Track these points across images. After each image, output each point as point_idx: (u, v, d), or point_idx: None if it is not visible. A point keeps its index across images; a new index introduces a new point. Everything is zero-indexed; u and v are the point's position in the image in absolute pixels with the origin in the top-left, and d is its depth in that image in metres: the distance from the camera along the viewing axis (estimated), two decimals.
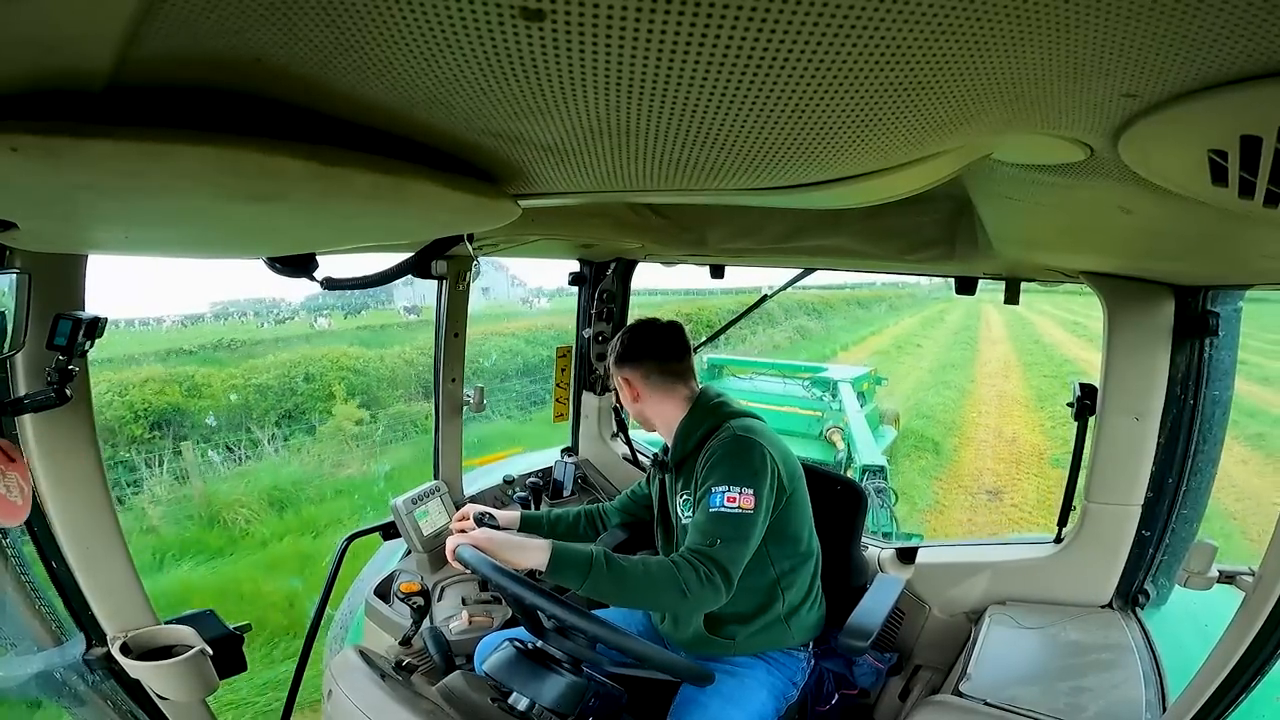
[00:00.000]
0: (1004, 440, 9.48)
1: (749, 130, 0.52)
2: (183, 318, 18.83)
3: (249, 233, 0.84)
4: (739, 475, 1.35)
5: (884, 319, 20.66)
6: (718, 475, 1.36)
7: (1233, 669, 0.92)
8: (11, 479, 0.93)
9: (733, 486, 1.34)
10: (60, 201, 0.60)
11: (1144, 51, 0.38)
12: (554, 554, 1.26)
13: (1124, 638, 1.50)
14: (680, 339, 1.60)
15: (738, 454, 1.39)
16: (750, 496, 1.34)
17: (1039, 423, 10.06)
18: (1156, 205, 0.70)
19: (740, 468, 1.37)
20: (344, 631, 2.07)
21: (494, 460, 2.72)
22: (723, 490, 1.34)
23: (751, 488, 1.34)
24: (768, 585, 1.49)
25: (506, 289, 21.95)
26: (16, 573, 1.08)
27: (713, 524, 1.32)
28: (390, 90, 0.47)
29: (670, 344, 1.58)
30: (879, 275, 7.55)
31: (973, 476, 8.04)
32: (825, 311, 20.39)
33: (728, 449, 1.40)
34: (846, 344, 18.09)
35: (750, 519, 1.33)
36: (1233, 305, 1.45)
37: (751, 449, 1.39)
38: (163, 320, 18.40)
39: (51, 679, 1.09)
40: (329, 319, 15.80)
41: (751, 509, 1.33)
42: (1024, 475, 8.08)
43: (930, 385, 12.47)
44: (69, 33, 0.36)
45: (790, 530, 1.49)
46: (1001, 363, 13.79)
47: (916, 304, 32.73)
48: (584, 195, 0.82)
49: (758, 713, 1.45)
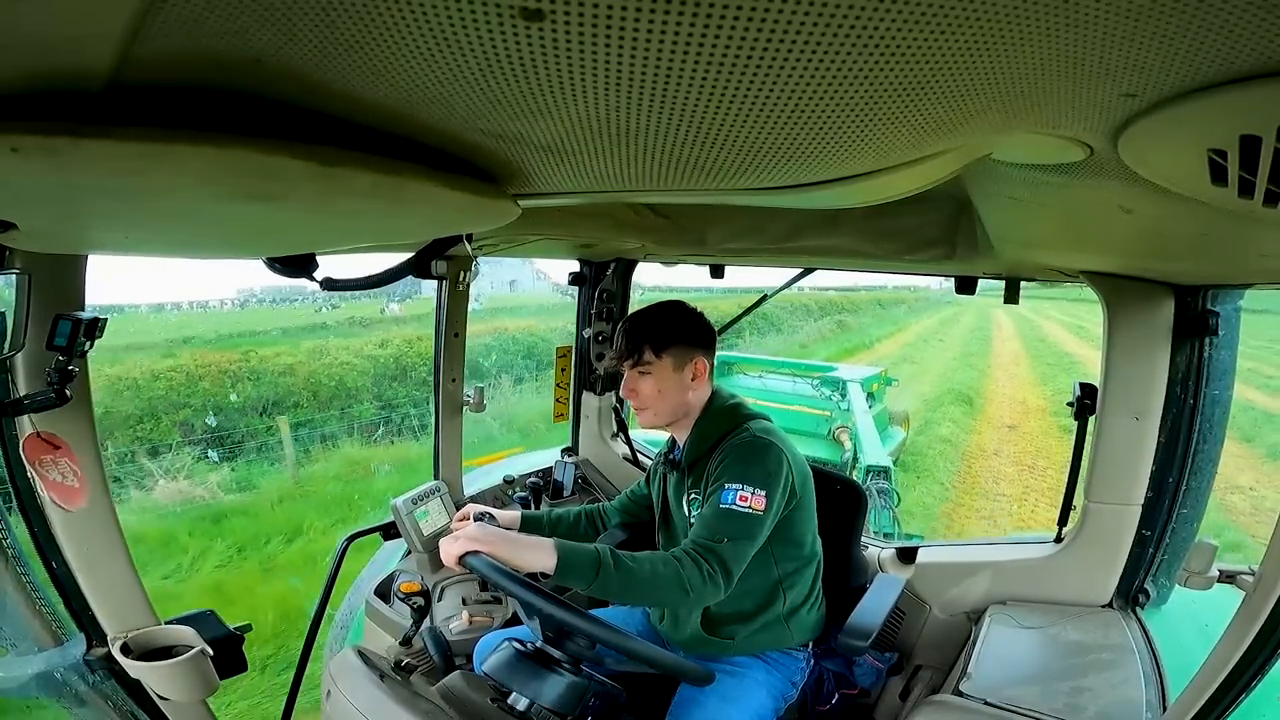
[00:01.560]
0: (1016, 400, 13.07)
1: (749, 130, 0.52)
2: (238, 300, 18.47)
3: (249, 233, 0.84)
4: (753, 475, 1.35)
5: (905, 318, 24.45)
6: (732, 474, 1.36)
7: (1233, 669, 0.92)
8: (63, 464, 0.95)
9: (746, 486, 1.34)
10: (60, 201, 0.60)
11: (1144, 51, 0.38)
12: (561, 555, 1.25)
13: (1124, 637, 1.50)
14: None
15: (755, 455, 1.39)
16: (762, 498, 1.33)
17: (1041, 392, 13.75)
18: (1156, 205, 0.70)
19: (756, 467, 1.37)
20: (344, 631, 2.07)
21: (494, 460, 2.72)
22: (736, 488, 1.34)
23: (765, 489, 1.34)
24: (770, 586, 1.49)
25: (531, 282, 21.96)
26: (17, 573, 1.08)
27: (721, 520, 1.32)
28: (390, 90, 0.47)
29: (710, 330, 1.55)
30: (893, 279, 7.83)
31: (996, 418, 11.75)
32: (856, 310, 23.73)
33: (747, 449, 1.40)
34: (880, 337, 21.47)
35: (759, 520, 1.33)
36: (1233, 305, 1.45)
37: (769, 451, 1.39)
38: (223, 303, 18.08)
39: (52, 679, 1.09)
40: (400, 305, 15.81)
41: (762, 510, 1.33)
42: (1030, 419, 11.59)
43: (957, 367, 16.30)
44: (69, 32, 0.36)
45: (796, 533, 1.49)
46: (1012, 354, 17.72)
47: (931, 306, 35.62)
48: (584, 195, 0.82)
49: (756, 712, 1.45)
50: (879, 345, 19.71)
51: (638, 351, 1.46)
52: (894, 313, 25.31)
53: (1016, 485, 8.06)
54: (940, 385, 13.24)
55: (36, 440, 0.96)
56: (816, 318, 20.50)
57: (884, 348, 19.09)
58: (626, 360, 1.48)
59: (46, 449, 0.95)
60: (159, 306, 14.12)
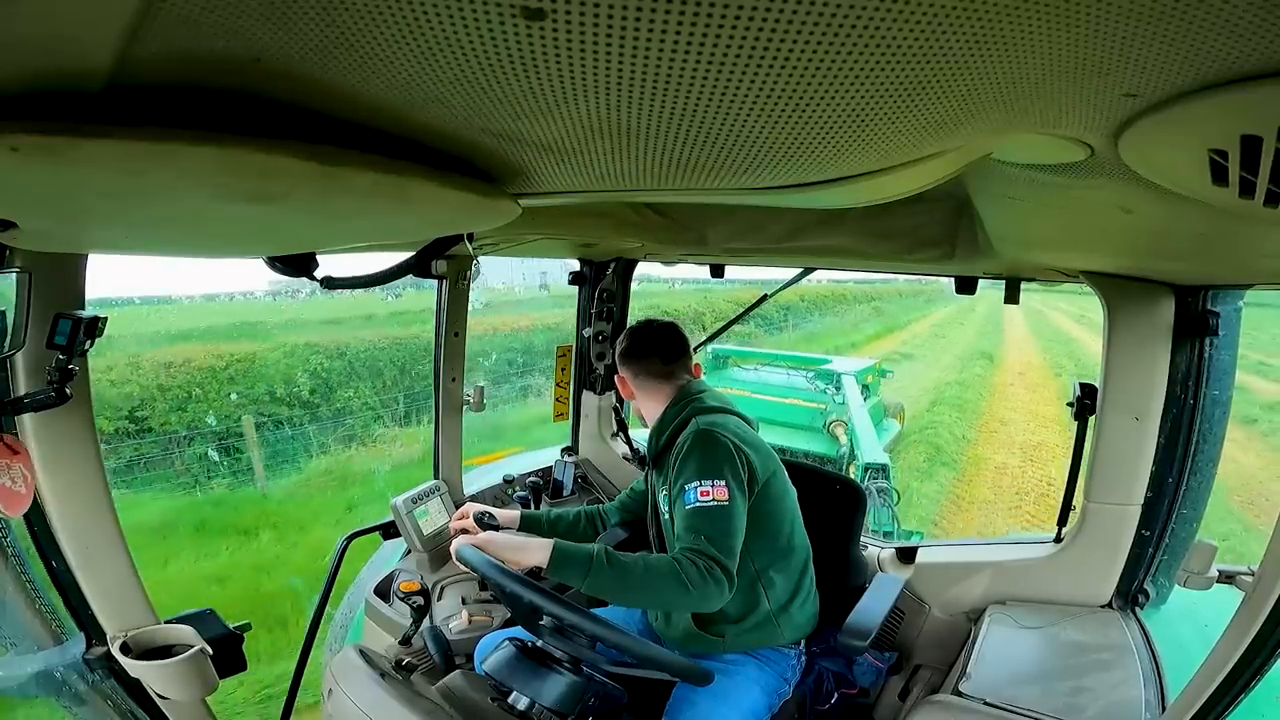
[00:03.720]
0: (1031, 364, 17.69)
1: (749, 129, 0.52)
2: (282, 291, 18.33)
3: (249, 233, 0.84)
4: (706, 469, 1.38)
5: (927, 306, 28.36)
6: (688, 472, 1.39)
7: (1232, 669, 0.92)
8: (16, 470, 0.94)
9: (703, 481, 1.36)
10: (60, 201, 0.60)
11: (1144, 51, 0.38)
12: (555, 552, 1.27)
13: (1124, 637, 1.50)
14: (670, 340, 1.63)
15: (701, 448, 1.41)
16: (722, 488, 1.36)
17: (1043, 361, 18.11)
18: (1157, 205, 0.70)
19: (705, 460, 1.39)
20: (344, 631, 2.07)
21: (494, 460, 2.72)
22: (694, 486, 1.36)
23: (721, 479, 1.37)
24: (747, 582, 1.49)
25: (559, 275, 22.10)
26: (17, 572, 1.08)
27: (694, 520, 1.34)
28: (390, 90, 0.47)
29: (662, 344, 1.62)
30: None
31: (1011, 375, 15.87)
32: (885, 299, 27.23)
33: (692, 444, 1.43)
34: (910, 320, 25.79)
35: (727, 510, 1.35)
36: (1233, 305, 1.45)
37: (714, 442, 1.42)
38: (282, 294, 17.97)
39: (51, 678, 1.09)
40: None
41: (726, 499, 1.35)
42: (1032, 371, 16.35)
43: (978, 338, 21.32)
44: (69, 32, 0.36)
45: (768, 525, 1.49)
46: (1021, 337, 22.42)
47: (945, 299, 39.87)
48: (584, 195, 0.82)
49: (750, 710, 1.45)
50: (912, 325, 24.14)
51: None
52: (915, 301, 29.03)
53: (1023, 398, 13.22)
54: (968, 350, 18.70)
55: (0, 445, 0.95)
56: (859, 303, 24.30)
57: (917, 327, 23.76)
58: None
59: (5, 453, 0.95)
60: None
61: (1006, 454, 9.22)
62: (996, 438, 10.17)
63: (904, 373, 13.76)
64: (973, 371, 15.34)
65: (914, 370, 15.12)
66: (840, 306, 23.76)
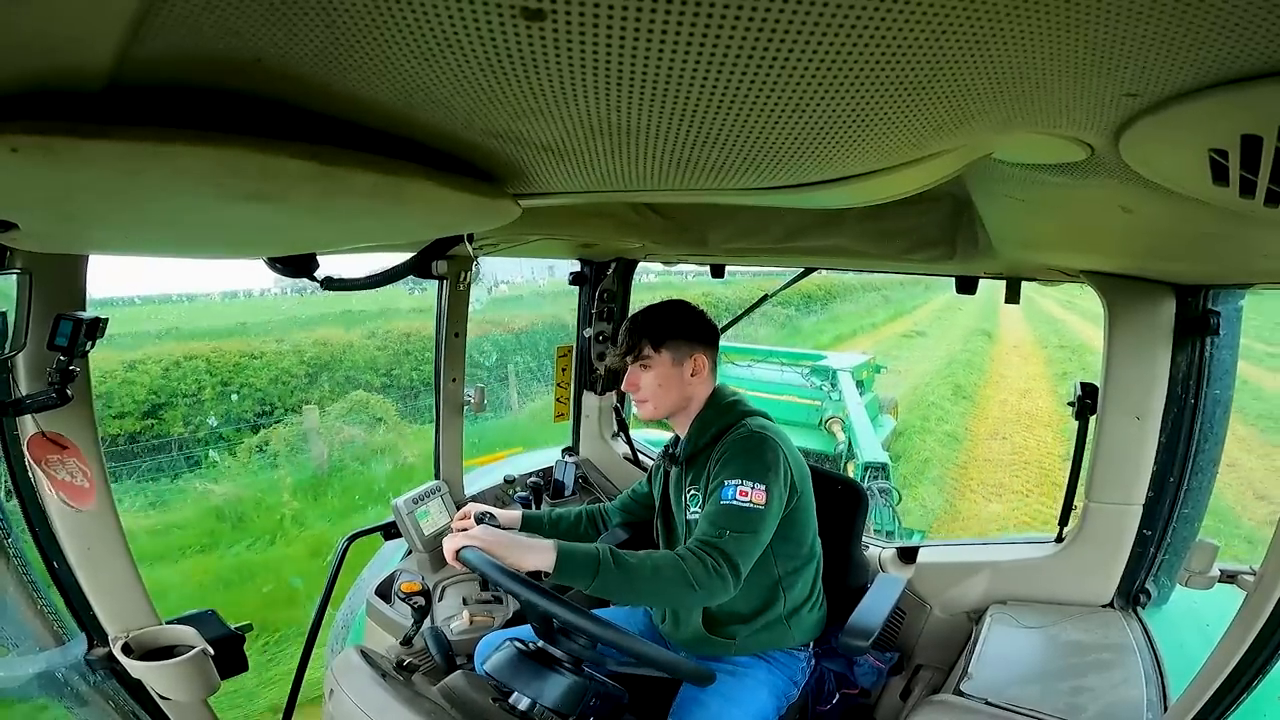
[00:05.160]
0: (1026, 340, 19.70)
1: (749, 130, 0.52)
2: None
3: (249, 233, 0.84)
4: (753, 470, 1.36)
5: (927, 294, 29.55)
6: (732, 469, 1.37)
7: (1234, 668, 0.92)
8: (71, 464, 0.95)
9: (746, 481, 1.34)
10: (60, 201, 0.60)
11: (1145, 51, 0.38)
12: (560, 555, 1.25)
13: (1125, 637, 1.50)
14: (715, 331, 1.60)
15: (754, 450, 1.39)
16: (762, 492, 1.34)
17: (1033, 338, 20.21)
18: (1157, 205, 0.70)
19: (755, 463, 1.37)
20: (345, 631, 2.07)
21: (494, 460, 2.72)
22: (736, 484, 1.34)
23: (764, 484, 1.35)
24: (770, 585, 1.49)
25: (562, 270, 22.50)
26: (18, 572, 1.08)
27: (723, 516, 1.33)
28: (391, 90, 0.47)
29: (715, 334, 1.59)
30: None
31: (1007, 349, 17.84)
32: (889, 288, 28.75)
33: (744, 444, 1.40)
34: (914, 306, 27.53)
35: (761, 514, 1.33)
36: (1233, 305, 1.45)
37: (766, 446, 1.40)
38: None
39: (53, 679, 1.09)
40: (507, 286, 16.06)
41: (763, 504, 1.34)
42: (1025, 345, 18.47)
43: (976, 322, 22.65)
44: (69, 33, 0.36)
45: (795, 532, 1.49)
46: (1015, 320, 24.09)
47: (944, 285, 40.39)
48: (584, 195, 0.82)
49: (758, 712, 1.45)
50: (917, 311, 26.32)
51: (637, 346, 1.51)
52: (916, 289, 30.34)
53: (1017, 365, 15.40)
54: (970, 329, 20.90)
55: (42, 440, 0.96)
56: (868, 292, 26.12)
57: (921, 312, 25.87)
58: (627, 355, 1.52)
59: (53, 449, 0.95)
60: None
61: (1006, 394, 12.66)
62: (999, 387, 13.67)
63: (919, 346, 17.54)
64: (976, 345, 18.11)
65: (927, 345, 18.08)
66: (853, 295, 25.73)
